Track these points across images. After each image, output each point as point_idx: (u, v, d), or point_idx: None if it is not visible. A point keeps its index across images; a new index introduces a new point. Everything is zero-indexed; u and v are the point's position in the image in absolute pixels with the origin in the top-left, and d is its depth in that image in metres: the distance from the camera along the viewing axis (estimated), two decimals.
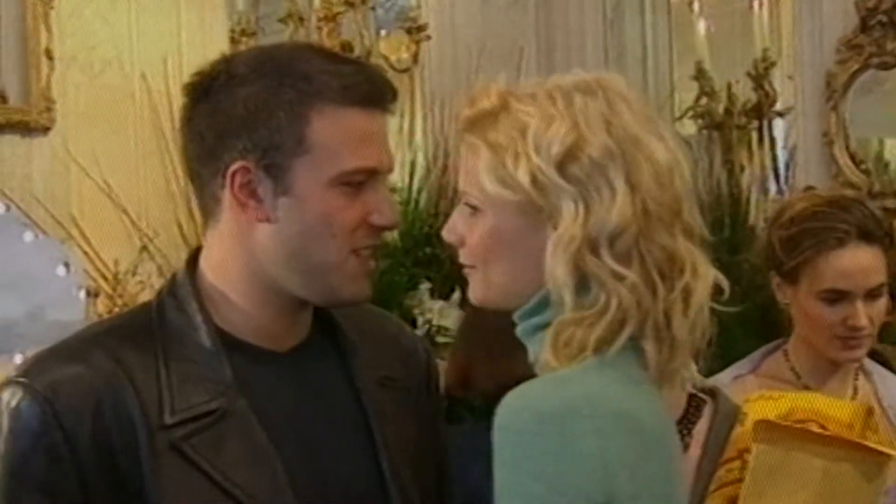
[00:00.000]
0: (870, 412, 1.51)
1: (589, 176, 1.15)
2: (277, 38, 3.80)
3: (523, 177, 1.15)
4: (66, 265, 2.98)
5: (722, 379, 1.88)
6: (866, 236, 1.84)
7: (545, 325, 1.18)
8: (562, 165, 1.15)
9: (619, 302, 1.14)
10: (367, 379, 1.28)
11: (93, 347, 1.21)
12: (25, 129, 3.09)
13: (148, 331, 1.22)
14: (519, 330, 1.22)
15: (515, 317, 1.22)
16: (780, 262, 1.88)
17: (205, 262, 1.26)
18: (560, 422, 1.10)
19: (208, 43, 3.54)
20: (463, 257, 1.23)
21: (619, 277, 1.14)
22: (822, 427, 1.47)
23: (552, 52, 4.29)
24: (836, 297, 1.84)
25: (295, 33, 3.74)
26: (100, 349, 1.20)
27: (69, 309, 2.95)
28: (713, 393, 1.63)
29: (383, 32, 4.11)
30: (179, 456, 1.16)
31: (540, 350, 1.17)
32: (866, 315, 1.83)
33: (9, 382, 1.19)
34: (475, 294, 1.23)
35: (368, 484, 1.24)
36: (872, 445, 1.45)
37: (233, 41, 3.68)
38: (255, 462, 1.18)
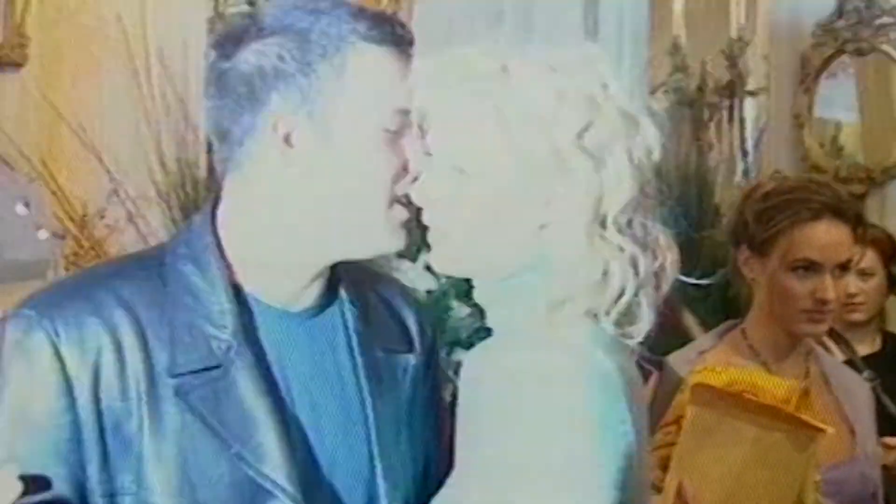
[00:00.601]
0: (806, 392, 1.57)
1: (600, 151, 1.17)
2: None
3: (544, 148, 1.16)
4: (27, 204, 2.95)
5: (687, 355, 1.92)
6: (838, 213, 1.91)
7: (527, 291, 1.19)
8: (577, 142, 1.16)
9: (622, 272, 1.17)
10: (369, 350, 1.27)
11: (101, 289, 1.19)
12: None
13: (160, 277, 1.20)
14: (492, 293, 1.23)
15: (493, 280, 1.22)
16: (753, 234, 1.92)
17: (226, 217, 1.24)
18: (570, 389, 1.14)
19: None
20: (439, 220, 1.21)
21: (621, 249, 1.17)
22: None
23: (530, 21, 4.28)
24: (808, 267, 1.89)
25: None
26: (108, 292, 1.19)
27: (28, 248, 2.93)
28: (660, 364, 1.68)
29: None
30: (180, 409, 1.16)
31: (525, 312, 1.19)
32: (833, 290, 1.89)
33: (15, 314, 1.18)
34: (451, 258, 1.22)
35: (356, 454, 1.24)
36: (804, 418, 1.50)
37: None
38: (254, 418, 1.17)
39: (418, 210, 1.24)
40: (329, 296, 1.27)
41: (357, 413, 1.24)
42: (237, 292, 1.21)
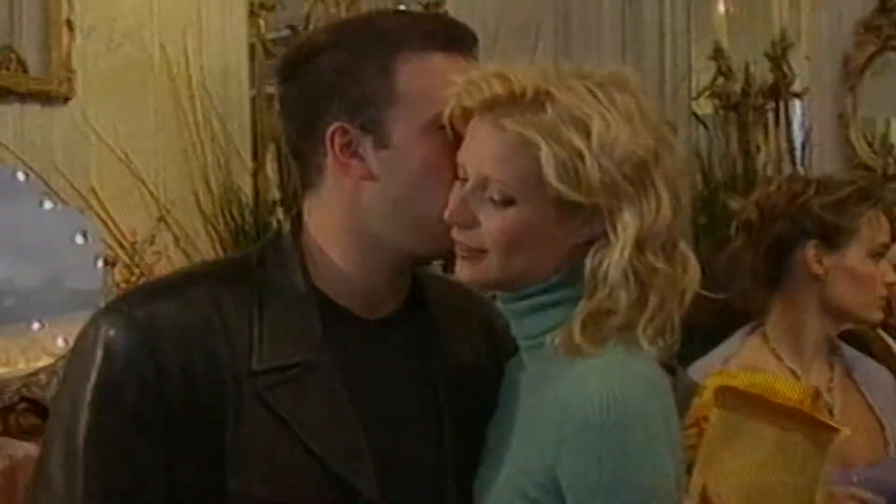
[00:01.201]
0: (818, 395, 1.58)
1: (640, 178, 1.19)
2: (297, 13, 3.81)
3: (595, 179, 1.17)
4: (85, 234, 3.01)
5: (711, 362, 1.91)
6: (882, 200, 1.97)
7: (556, 304, 1.21)
8: (621, 168, 1.17)
9: (658, 294, 1.19)
10: (448, 363, 1.29)
11: (193, 287, 1.25)
12: (46, 98, 3.12)
13: (248, 279, 1.25)
14: (520, 305, 1.24)
15: (517, 294, 1.24)
16: (830, 227, 1.92)
17: (308, 225, 1.29)
18: (643, 411, 1.16)
19: (227, 16, 3.56)
20: (470, 240, 1.21)
21: (656, 272, 1.19)
22: None
23: (569, 30, 4.28)
24: (881, 253, 1.91)
25: (314, 7, 3.75)
26: (199, 290, 1.24)
27: (87, 278, 2.99)
28: (672, 370, 1.69)
29: (402, 7, 4.12)
30: (263, 404, 1.19)
31: (557, 328, 1.20)
32: None
33: (109, 309, 1.23)
34: (482, 276, 1.23)
35: (430, 459, 1.26)
36: (823, 419, 1.52)
37: (252, 14, 3.69)
38: (335, 420, 1.21)
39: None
40: (413, 308, 1.30)
41: (433, 421, 1.27)
42: (320, 298, 1.25)
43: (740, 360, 1.90)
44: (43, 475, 1.21)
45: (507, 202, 1.19)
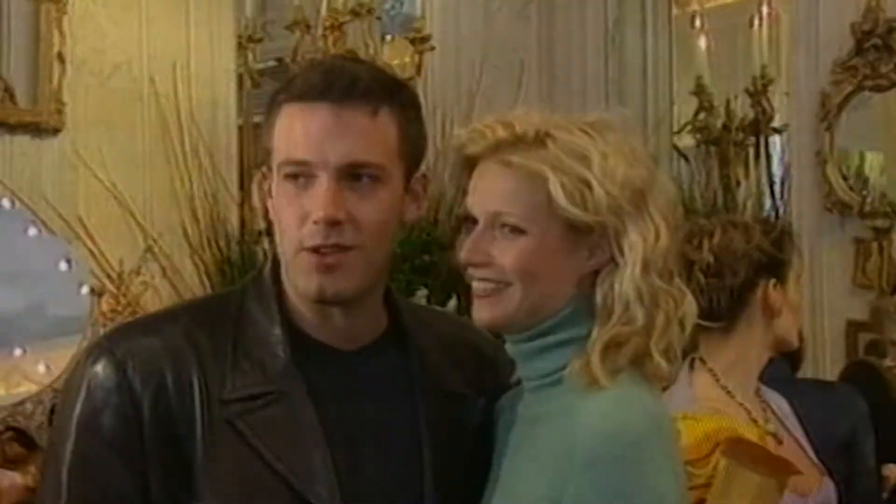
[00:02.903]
0: (765, 433, 1.66)
1: (639, 204, 1.26)
2: (284, 45, 3.86)
3: (602, 201, 1.24)
4: (69, 261, 3.04)
5: (676, 403, 1.94)
6: None
7: (563, 343, 1.27)
8: (623, 193, 1.25)
9: (664, 314, 1.25)
10: (429, 390, 1.33)
11: (170, 323, 1.32)
12: (36, 129, 3.15)
13: (226, 314, 1.32)
14: (531, 346, 1.28)
15: (526, 335, 1.28)
16: (778, 263, 1.98)
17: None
18: (647, 445, 1.20)
19: (216, 48, 3.60)
20: (492, 274, 1.26)
21: (662, 293, 1.26)
22: None
23: (553, 65, 4.34)
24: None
25: (301, 40, 3.80)
26: (176, 325, 1.31)
27: (69, 305, 3.01)
28: None
29: (388, 38, 4.17)
30: (233, 429, 1.25)
31: (576, 362, 1.25)
32: None
33: (95, 346, 1.33)
34: (502, 311, 1.27)
35: (407, 490, 1.29)
36: (790, 463, 1.63)
37: (240, 47, 3.73)
38: (303, 445, 1.26)
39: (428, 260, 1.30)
40: (392, 339, 1.34)
41: (411, 447, 1.30)
42: (294, 331, 1.30)
43: (701, 401, 1.92)
44: None
45: (519, 232, 1.25)
